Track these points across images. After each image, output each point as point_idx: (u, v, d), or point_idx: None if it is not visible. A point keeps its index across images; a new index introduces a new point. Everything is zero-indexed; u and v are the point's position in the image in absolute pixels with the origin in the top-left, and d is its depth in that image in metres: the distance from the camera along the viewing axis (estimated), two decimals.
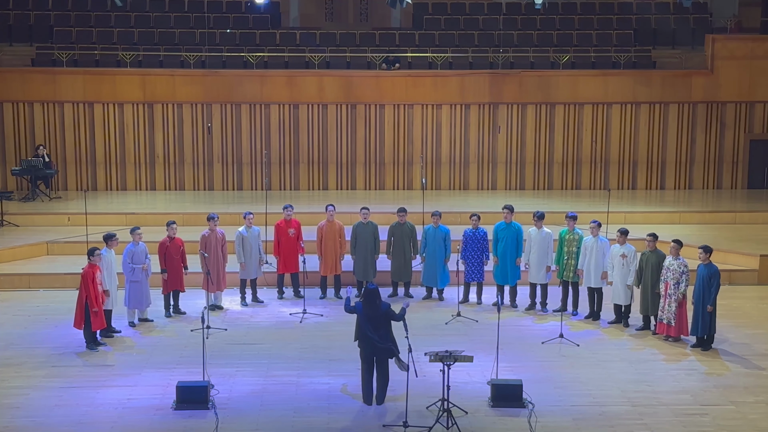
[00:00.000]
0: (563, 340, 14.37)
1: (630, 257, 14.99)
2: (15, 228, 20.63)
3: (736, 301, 16.75)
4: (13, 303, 16.52)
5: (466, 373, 12.67)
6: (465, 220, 17.77)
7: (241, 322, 15.48)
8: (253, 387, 12.47)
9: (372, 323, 11.78)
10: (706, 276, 13.94)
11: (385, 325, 11.82)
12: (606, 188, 24.39)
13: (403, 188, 25.43)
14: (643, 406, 11.87)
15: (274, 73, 25.22)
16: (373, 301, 11.87)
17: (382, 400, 11.85)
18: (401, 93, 25.22)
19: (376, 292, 11.95)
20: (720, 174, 25.87)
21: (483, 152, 25.51)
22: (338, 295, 16.93)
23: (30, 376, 12.80)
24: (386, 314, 11.84)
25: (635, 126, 25.58)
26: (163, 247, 15.55)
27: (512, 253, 16.13)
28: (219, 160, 25.19)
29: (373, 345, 11.73)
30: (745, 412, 11.76)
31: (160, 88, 24.83)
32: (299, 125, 25.22)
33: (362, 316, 11.88)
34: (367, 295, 11.95)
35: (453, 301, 16.21)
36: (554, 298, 16.02)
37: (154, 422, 11.32)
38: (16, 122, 24.74)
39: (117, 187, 25.07)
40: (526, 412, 11.61)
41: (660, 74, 25.57)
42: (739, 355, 13.92)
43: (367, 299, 11.92)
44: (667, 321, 14.34)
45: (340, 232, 16.77)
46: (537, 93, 25.30)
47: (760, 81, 25.42)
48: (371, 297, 11.90)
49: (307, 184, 25.36)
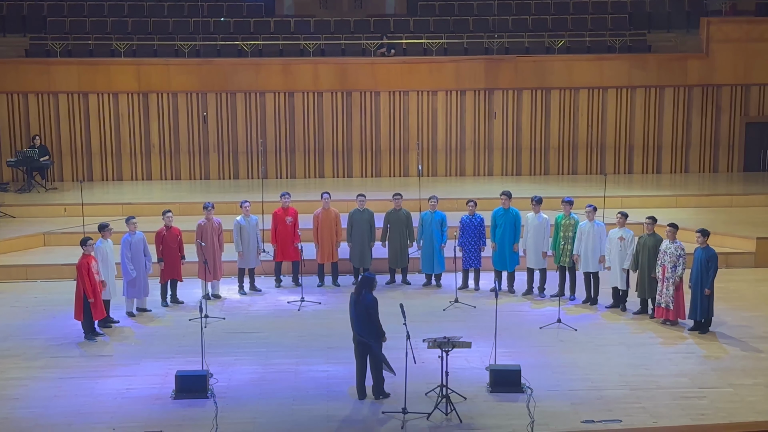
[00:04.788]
0: (561, 324, 14.40)
1: (628, 240, 15.01)
2: (11, 219, 20.60)
3: (733, 284, 16.78)
4: (11, 294, 16.50)
5: (465, 359, 12.70)
6: (462, 206, 17.76)
7: (239, 311, 15.49)
8: (251, 375, 12.49)
9: (354, 312, 11.62)
10: (703, 259, 13.95)
11: (364, 317, 11.51)
12: (602, 173, 24.37)
13: (400, 175, 25.40)
14: (641, 390, 11.90)
15: (268, 62, 25.15)
16: (361, 289, 11.61)
17: (376, 395, 11.63)
18: (396, 80, 25.17)
19: (367, 282, 11.67)
20: (716, 157, 25.86)
21: (479, 138, 25.48)
22: (336, 283, 16.93)
23: (28, 367, 12.81)
24: (366, 309, 11.52)
25: (631, 110, 25.56)
26: (160, 236, 15.55)
27: (510, 239, 16.14)
28: (215, 149, 25.14)
29: (353, 335, 11.66)
30: (743, 395, 11.80)
31: (154, 78, 24.76)
32: (295, 113, 25.16)
33: (351, 304, 11.75)
34: (360, 281, 11.80)
35: (451, 288, 16.22)
36: (552, 283, 16.04)
37: (154, 412, 11.33)
38: (10, 113, 24.66)
39: (113, 177, 25.02)
40: (524, 397, 11.63)
41: (655, 58, 25.53)
42: (737, 338, 13.95)
43: (357, 286, 11.74)
44: (665, 305, 14.36)
45: (336, 219, 16.76)
46: (532, 78, 25.25)
47: (756, 64, 25.39)
48: (360, 285, 11.67)
49: (303, 172, 25.33)
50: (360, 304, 11.56)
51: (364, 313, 11.51)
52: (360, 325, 11.58)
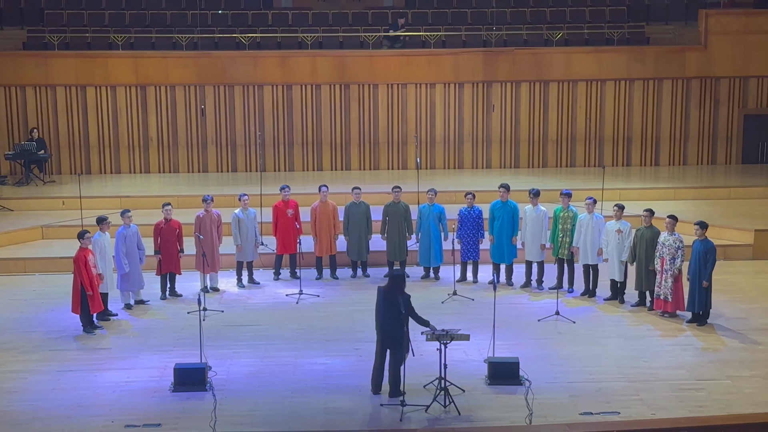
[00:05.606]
0: (559, 317, 14.41)
1: (625, 233, 15.01)
2: (9, 213, 20.57)
3: (731, 276, 16.78)
4: (9, 288, 16.49)
5: (463, 351, 12.71)
6: (460, 198, 17.76)
7: (237, 304, 15.49)
8: (250, 368, 12.49)
9: (384, 309, 11.42)
10: (702, 251, 13.95)
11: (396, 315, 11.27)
12: (600, 165, 24.38)
13: (398, 168, 25.39)
14: (639, 382, 11.91)
15: (266, 54, 25.11)
16: (394, 287, 11.43)
17: (394, 394, 11.42)
18: (395, 72, 25.13)
19: (401, 280, 11.57)
20: (714, 149, 25.85)
21: (477, 131, 25.46)
22: (334, 276, 16.93)
23: (27, 360, 12.81)
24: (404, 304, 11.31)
25: (629, 102, 25.54)
26: (158, 228, 15.54)
27: (508, 232, 16.13)
28: (213, 142, 25.11)
29: (384, 333, 11.45)
30: (741, 386, 11.81)
31: (152, 71, 24.71)
32: (293, 106, 25.13)
33: (381, 301, 11.50)
34: (391, 278, 11.63)
35: (449, 280, 16.22)
36: (550, 276, 16.04)
37: (153, 404, 11.33)
38: (8, 106, 24.61)
39: (111, 170, 24.98)
40: (522, 390, 11.64)
41: (654, 50, 25.50)
42: (735, 329, 13.96)
43: (390, 284, 11.53)
44: (664, 297, 14.36)
45: (333, 212, 16.76)
46: (530, 71, 25.22)
47: (754, 56, 25.36)
48: (393, 283, 11.49)
49: (301, 165, 25.30)
50: (393, 303, 11.29)
51: (397, 311, 11.23)
52: (390, 323, 11.35)
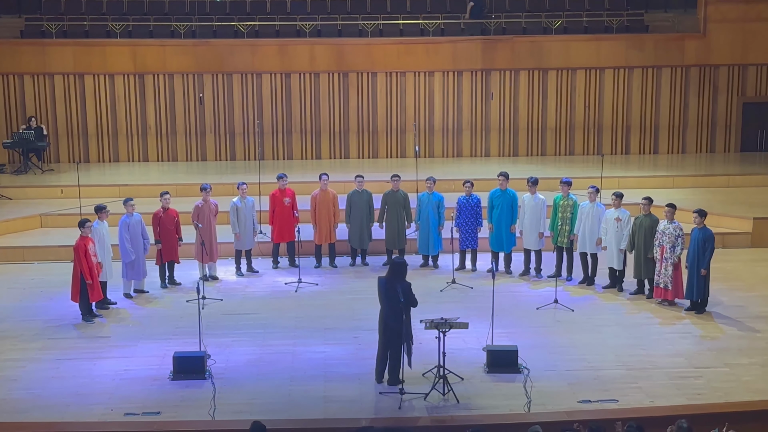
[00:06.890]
0: (558, 305, 14.42)
1: (624, 221, 15.01)
2: (8, 201, 20.56)
3: (729, 264, 16.79)
4: (8, 276, 16.49)
5: (462, 339, 12.71)
6: (458, 187, 17.74)
7: (236, 292, 15.49)
8: (249, 356, 12.51)
9: (386, 298, 11.32)
10: (700, 240, 13.95)
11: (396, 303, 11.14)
12: (599, 153, 24.36)
13: (397, 156, 25.38)
14: (637, 370, 11.93)
15: (265, 42, 25.05)
16: (394, 275, 11.35)
17: (393, 382, 11.39)
18: (393, 61, 25.09)
19: (402, 268, 11.46)
20: (713, 137, 25.85)
21: (476, 119, 25.44)
22: (333, 264, 16.93)
23: (26, 349, 12.81)
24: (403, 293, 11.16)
25: (628, 90, 25.51)
26: (156, 217, 15.52)
27: (507, 220, 16.12)
28: (211, 130, 25.08)
29: (386, 323, 11.38)
30: (739, 374, 11.84)
31: (150, 59, 24.66)
32: (291, 94, 25.10)
33: (382, 291, 11.43)
34: (391, 266, 11.60)
35: (448, 269, 16.22)
36: (549, 264, 16.04)
37: (152, 393, 11.35)
38: (6, 95, 24.57)
39: (109, 158, 24.97)
40: (521, 378, 11.67)
41: (652, 38, 25.46)
42: (733, 317, 13.99)
43: (390, 272, 11.48)
44: (663, 285, 14.37)
45: (333, 200, 16.74)
46: (529, 59, 25.18)
47: (753, 44, 25.33)
48: (393, 271, 11.42)
49: (300, 153, 25.28)
50: (393, 292, 11.18)
51: (396, 299, 11.13)
52: (390, 313, 11.28)
